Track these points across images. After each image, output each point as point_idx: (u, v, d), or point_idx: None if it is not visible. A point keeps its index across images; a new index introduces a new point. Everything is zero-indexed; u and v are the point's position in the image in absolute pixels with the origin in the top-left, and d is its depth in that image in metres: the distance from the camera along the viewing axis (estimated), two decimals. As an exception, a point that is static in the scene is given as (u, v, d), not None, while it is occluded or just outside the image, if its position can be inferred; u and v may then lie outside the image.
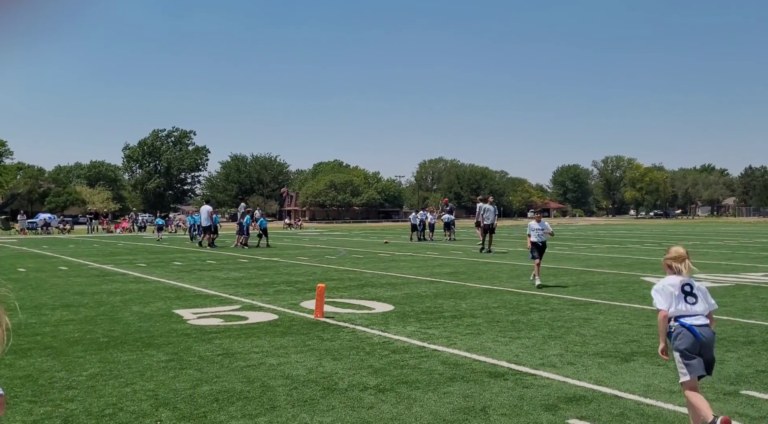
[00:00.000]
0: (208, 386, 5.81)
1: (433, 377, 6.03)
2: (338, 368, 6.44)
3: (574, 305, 10.35)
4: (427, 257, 21.12)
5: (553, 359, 6.68)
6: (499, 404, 5.21)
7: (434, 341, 7.69)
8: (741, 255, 21.02)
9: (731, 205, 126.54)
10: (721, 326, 8.49)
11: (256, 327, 8.69)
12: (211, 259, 21.27)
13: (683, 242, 28.76)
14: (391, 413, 5.02)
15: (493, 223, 23.31)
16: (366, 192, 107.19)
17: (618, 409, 5.05)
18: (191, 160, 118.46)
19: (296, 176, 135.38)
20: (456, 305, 10.56)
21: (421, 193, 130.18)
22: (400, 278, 14.83)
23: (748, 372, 6.10)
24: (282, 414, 5.01)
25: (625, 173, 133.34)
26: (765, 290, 11.96)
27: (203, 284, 13.95)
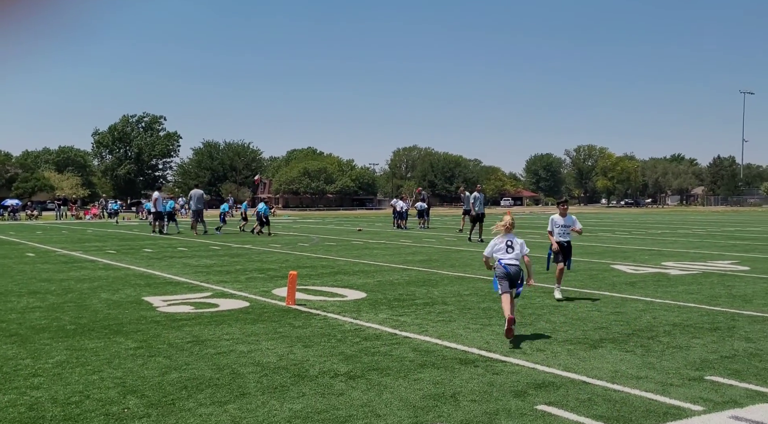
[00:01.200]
0: (177, 374, 5.75)
1: (404, 364, 6.04)
2: (309, 355, 6.42)
3: (545, 293, 10.44)
4: (401, 245, 21.16)
5: (523, 346, 6.74)
6: (469, 390, 5.24)
7: (406, 328, 7.71)
8: (708, 243, 21.39)
9: (700, 195, 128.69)
10: (687, 312, 8.64)
11: (227, 314, 8.63)
12: (183, 246, 21.06)
13: (653, 231, 29.19)
14: (362, 399, 5.02)
15: (482, 211, 23.51)
16: (340, 180, 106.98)
17: (586, 394, 5.11)
18: (162, 146, 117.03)
19: (270, 163, 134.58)
20: (428, 292, 10.59)
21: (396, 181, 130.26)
22: (372, 265, 14.83)
23: (713, 358, 6.21)
24: (252, 401, 4.99)
25: (597, 162, 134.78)
26: (731, 278, 12.19)
27: (174, 271, 13.81)
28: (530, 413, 4.69)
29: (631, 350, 6.57)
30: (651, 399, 4.99)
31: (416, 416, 4.63)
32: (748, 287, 10.95)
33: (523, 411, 4.73)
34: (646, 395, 5.09)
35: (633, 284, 11.35)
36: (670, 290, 10.59)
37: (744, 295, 10.11)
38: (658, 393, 5.12)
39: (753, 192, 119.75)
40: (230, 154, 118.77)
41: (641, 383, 5.39)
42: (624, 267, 14.08)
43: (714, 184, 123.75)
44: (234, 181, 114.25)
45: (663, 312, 8.65)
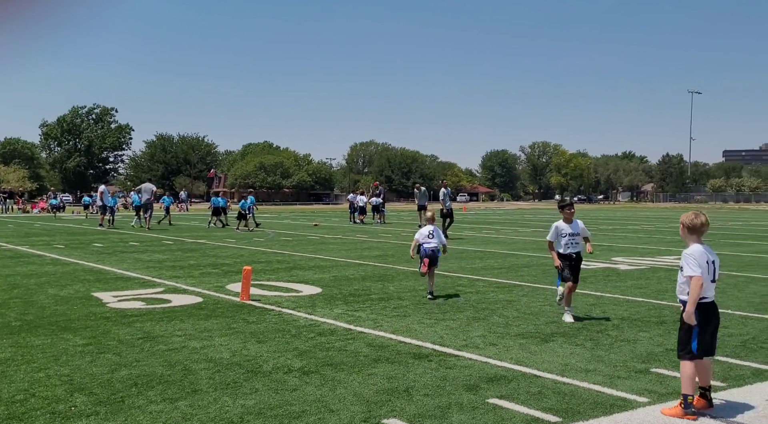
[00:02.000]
0: (126, 371, 5.65)
1: (359, 359, 6.05)
2: (263, 350, 6.38)
3: (499, 288, 10.58)
4: (357, 240, 21.15)
5: (476, 341, 6.82)
6: (423, 384, 5.28)
7: (360, 323, 7.72)
8: (657, 239, 21.96)
9: (650, 191, 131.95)
10: (635, 307, 8.86)
11: (180, 310, 8.50)
12: (134, 240, 20.65)
13: (604, 227, 29.82)
14: (315, 395, 5.01)
15: (449, 207, 22.43)
16: (296, 174, 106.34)
17: (536, 388, 5.20)
18: (114, 139, 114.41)
19: (225, 157, 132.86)
20: (384, 287, 10.62)
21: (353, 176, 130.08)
22: (328, 260, 14.80)
23: (659, 351, 6.39)
24: (204, 397, 4.93)
25: (551, 159, 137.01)
26: (677, 273, 12.51)
27: (125, 266, 13.54)
28: (482, 406, 4.76)
29: (581, 343, 6.71)
30: (599, 391, 5.11)
31: (369, 411, 4.65)
32: (693, 282, 11.28)
33: (475, 405, 4.79)
34: (594, 387, 5.21)
35: (584, 279, 11.56)
36: (619, 285, 10.84)
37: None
38: (605, 386, 5.25)
39: (700, 189, 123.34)
40: (184, 147, 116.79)
41: (590, 376, 5.51)
42: (575, 262, 14.33)
43: (663, 181, 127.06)
44: (188, 174, 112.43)
45: (612, 306, 8.86)
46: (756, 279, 11.72)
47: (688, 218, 4.96)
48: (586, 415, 4.58)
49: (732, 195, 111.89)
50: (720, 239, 22.36)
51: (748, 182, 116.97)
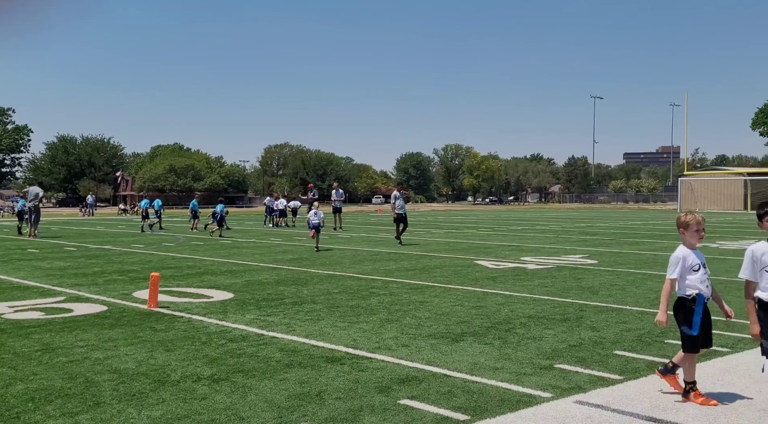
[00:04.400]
0: (23, 385, 5.36)
1: (270, 365, 5.98)
2: (171, 359, 6.20)
3: (412, 289, 10.71)
4: (271, 244, 20.91)
5: (389, 342, 6.87)
6: (335, 388, 5.28)
7: (273, 328, 7.63)
8: (563, 239, 22.83)
9: (557, 193, 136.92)
10: (541, 305, 9.18)
11: (82, 320, 8.14)
12: (33, 247, 19.62)
13: (514, 228, 30.73)
14: (225, 402, 4.92)
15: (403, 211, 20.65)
16: (209, 177, 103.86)
17: (446, 387, 5.30)
18: (11, 140, 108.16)
19: (132, 160, 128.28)
20: (297, 291, 10.54)
21: (267, 179, 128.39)
22: (241, 265, 14.55)
23: (562, 347, 6.65)
24: (107, 410, 4.74)
25: (464, 161, 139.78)
26: (581, 271, 13.09)
27: (22, 274, 12.84)
28: (393, 408, 4.80)
29: (490, 342, 6.89)
30: (506, 389, 5.26)
31: (281, 417, 4.60)
32: (596, 280, 11.81)
33: (387, 406, 4.83)
34: (502, 385, 5.36)
35: (494, 279, 11.90)
36: (527, 284, 11.20)
37: (592, 287, 10.88)
38: (512, 383, 5.41)
39: (603, 190, 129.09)
40: (88, 149, 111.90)
41: (497, 374, 5.67)
42: (486, 262, 14.73)
43: (569, 182, 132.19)
44: (93, 177, 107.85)
45: (520, 305, 9.14)
46: (653, 276, 12.38)
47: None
48: (493, 412, 4.71)
49: (632, 195, 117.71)
50: (620, 238, 23.49)
51: (646, 183, 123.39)
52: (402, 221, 20.52)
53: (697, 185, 70.66)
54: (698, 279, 5.02)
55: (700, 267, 5.06)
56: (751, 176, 68.60)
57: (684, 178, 72.07)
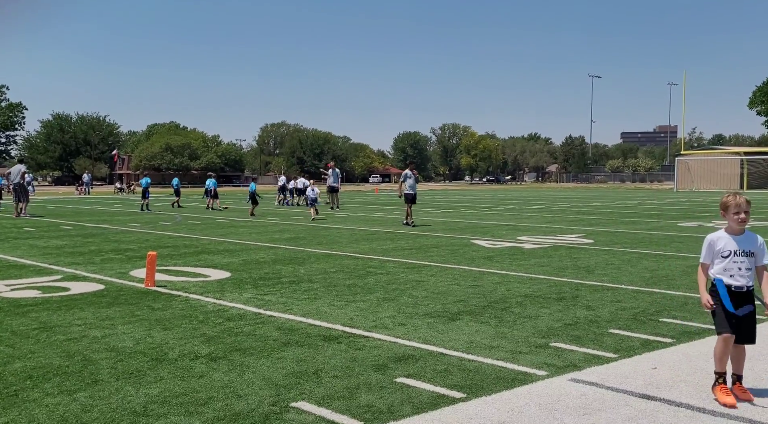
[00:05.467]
0: (20, 363, 5.38)
1: (268, 343, 6.01)
2: (169, 337, 6.23)
3: (409, 268, 10.74)
4: (268, 223, 20.91)
5: (385, 321, 6.91)
6: (332, 366, 5.31)
7: (270, 307, 7.66)
8: (559, 218, 22.88)
9: (554, 172, 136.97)
10: (537, 284, 9.22)
11: (79, 298, 8.16)
12: (30, 226, 19.60)
13: (511, 207, 30.76)
14: (223, 380, 4.95)
15: (414, 191, 19.82)
16: (205, 156, 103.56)
17: (443, 365, 5.33)
18: (5, 118, 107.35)
19: (128, 138, 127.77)
20: (294, 270, 10.56)
21: (263, 158, 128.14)
22: (238, 244, 14.57)
23: (558, 326, 6.69)
24: (105, 388, 4.77)
25: (461, 140, 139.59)
26: (577, 250, 13.13)
27: (19, 253, 12.84)
28: (390, 385, 4.84)
29: (486, 321, 6.93)
30: (501, 367, 5.30)
31: (278, 395, 4.64)
32: (591, 259, 11.85)
33: (383, 384, 4.87)
34: (498, 363, 5.40)
35: (490, 258, 11.94)
36: (523, 263, 11.24)
37: (587, 266, 10.93)
38: (508, 361, 5.45)
39: (600, 170, 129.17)
40: (84, 127, 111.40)
41: (493, 352, 5.71)
42: (483, 242, 14.76)
43: (566, 162, 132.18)
44: (88, 156, 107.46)
45: (516, 284, 9.18)
46: (648, 255, 12.43)
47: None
48: (489, 390, 4.74)
49: (629, 175, 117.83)
50: (617, 217, 23.54)
51: (643, 163, 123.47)
52: (412, 202, 19.78)
53: (693, 165, 70.71)
54: (722, 267, 4.63)
55: (730, 254, 4.61)
56: (748, 156, 68.68)
57: (681, 157, 72.10)
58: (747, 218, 4.64)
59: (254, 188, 25.81)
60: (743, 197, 4.66)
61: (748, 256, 4.62)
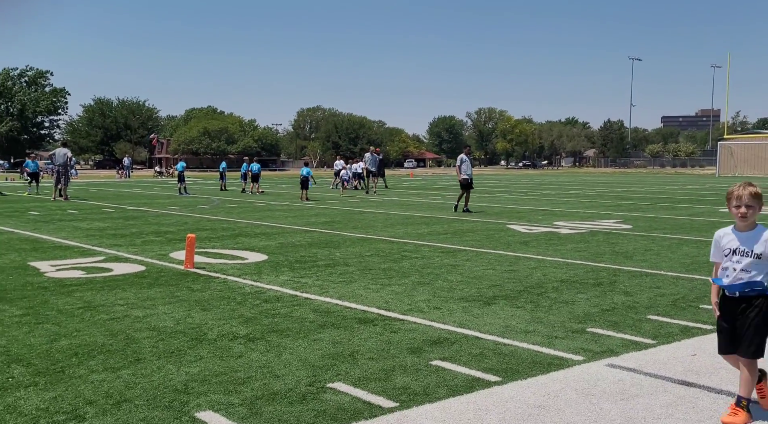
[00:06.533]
0: (66, 341, 5.55)
1: (304, 325, 6.09)
2: (208, 318, 6.35)
3: (444, 253, 10.73)
4: (303, 207, 21.07)
5: (420, 305, 6.93)
6: (367, 348, 5.36)
7: (307, 289, 7.74)
8: (597, 203, 22.57)
9: (591, 157, 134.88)
10: (573, 269, 9.14)
11: (121, 279, 8.36)
12: (73, 208, 20.08)
13: (547, 192, 30.43)
14: (260, 361, 5.04)
15: (471, 176, 19.02)
16: (242, 140, 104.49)
17: (478, 349, 5.34)
18: (48, 103, 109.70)
19: (167, 122, 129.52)
20: (330, 253, 10.64)
21: (299, 142, 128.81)
22: (275, 227, 14.72)
23: (595, 311, 6.63)
24: (147, 366, 4.89)
25: (497, 125, 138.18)
26: (615, 236, 12.96)
27: (63, 234, 13.18)
28: (425, 368, 4.87)
29: (522, 305, 6.90)
30: (537, 351, 5.29)
31: (314, 375, 4.70)
32: (630, 245, 11.68)
33: (418, 367, 4.90)
34: (533, 347, 5.39)
35: (526, 243, 11.86)
36: (560, 249, 11.14)
37: (626, 252, 10.78)
38: (544, 346, 5.43)
39: (639, 155, 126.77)
40: (124, 112, 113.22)
41: (529, 337, 5.69)
42: (519, 227, 14.66)
43: (604, 146, 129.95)
44: (129, 140, 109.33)
45: (552, 269, 9.11)
46: (688, 241, 12.20)
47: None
48: (524, 374, 4.74)
49: (669, 160, 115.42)
50: (656, 202, 23.13)
51: (684, 148, 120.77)
52: (469, 187, 18.85)
53: (737, 149, 68.92)
54: (723, 267, 4.11)
55: (730, 253, 4.05)
56: (795, 140, 66.62)
57: (723, 141, 70.32)
58: (749, 213, 3.99)
59: (309, 173, 25.15)
60: (750, 188, 3.99)
61: (750, 256, 3.98)
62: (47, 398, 4.26)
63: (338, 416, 3.99)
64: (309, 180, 25.13)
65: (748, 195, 4.00)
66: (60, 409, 4.09)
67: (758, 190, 4.03)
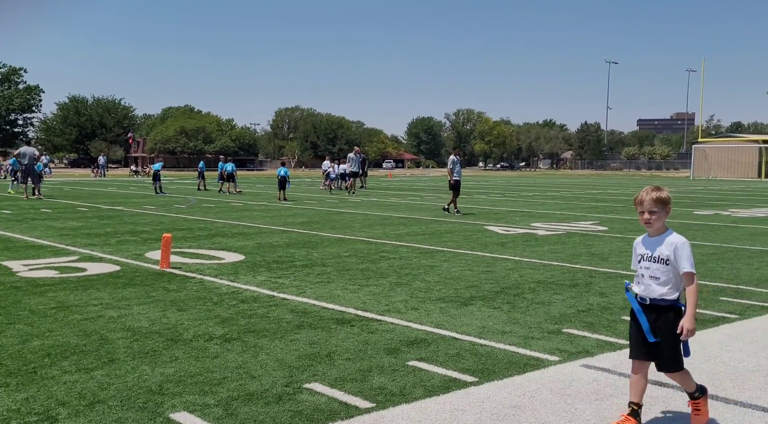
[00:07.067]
0: (39, 341, 5.47)
1: (281, 326, 6.06)
2: (183, 318, 6.29)
3: (422, 253, 10.75)
4: (281, 207, 20.99)
5: (398, 305, 6.94)
6: (344, 349, 5.35)
7: (284, 289, 7.71)
8: (574, 205, 22.77)
9: (569, 159, 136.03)
10: (550, 270, 9.21)
11: (96, 279, 8.25)
12: (47, 207, 19.80)
13: (525, 194, 30.64)
14: (237, 361, 5.01)
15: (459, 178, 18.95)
16: (219, 139, 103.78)
17: (455, 350, 5.36)
18: (22, 100, 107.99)
19: (143, 121, 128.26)
20: (308, 254, 10.61)
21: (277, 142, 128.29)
22: (252, 227, 14.64)
23: (571, 312, 6.69)
24: (121, 367, 4.84)
25: (476, 126, 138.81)
26: (591, 238, 13.08)
27: (36, 234, 12.98)
28: (402, 369, 4.87)
29: (499, 306, 6.94)
30: (513, 352, 5.32)
31: (291, 376, 4.68)
32: (606, 246, 11.80)
33: (395, 367, 4.90)
34: (510, 348, 5.42)
35: (504, 244, 11.93)
36: (537, 250, 11.22)
37: (601, 253, 10.89)
38: (520, 346, 5.46)
39: (615, 157, 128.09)
40: (99, 110, 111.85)
41: (506, 338, 5.72)
42: (496, 228, 14.74)
43: (581, 149, 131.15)
44: (104, 139, 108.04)
45: (529, 270, 9.17)
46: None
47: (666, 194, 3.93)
48: (500, 374, 4.77)
49: (645, 162, 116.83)
50: (632, 204, 23.36)
51: (660, 150, 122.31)
52: (458, 189, 18.89)
53: (711, 152, 69.97)
54: (637, 274, 4.03)
55: (641, 259, 3.98)
56: (766, 144, 67.81)
57: (698, 145, 71.34)
58: (652, 218, 3.88)
59: (287, 173, 25.09)
60: (653, 194, 3.88)
61: (658, 262, 3.88)
62: (19, 399, 4.19)
63: (314, 417, 3.98)
64: (287, 180, 25.05)
65: (650, 200, 3.89)
66: (32, 410, 4.03)
67: (663, 195, 3.90)
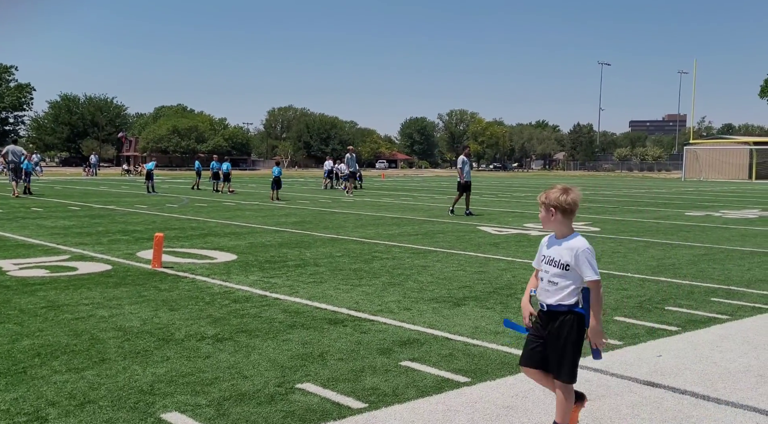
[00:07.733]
0: (29, 341, 5.43)
1: (273, 326, 6.04)
2: (175, 318, 6.26)
3: (415, 253, 10.75)
4: (274, 207, 20.95)
5: (391, 306, 6.93)
6: (337, 349, 5.34)
7: (276, 289, 7.69)
8: (566, 206, 22.76)
9: (561, 160, 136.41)
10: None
11: (87, 278, 8.21)
12: (37, 206, 19.69)
13: (518, 194, 30.68)
14: (229, 361, 4.98)
15: (469, 179, 18.95)
16: (212, 139, 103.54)
17: (447, 350, 5.35)
18: (13, 98, 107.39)
19: (136, 120, 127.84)
20: (300, 254, 10.59)
21: (270, 141, 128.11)
22: (245, 227, 14.60)
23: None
24: (112, 367, 4.81)
25: (469, 127, 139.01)
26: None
27: (27, 232, 12.90)
28: (394, 369, 4.86)
29: (491, 307, 6.94)
30: (506, 352, 5.32)
31: (283, 376, 4.67)
32: (598, 247, 11.82)
33: (388, 368, 4.89)
34: (502, 348, 5.42)
35: (496, 245, 11.94)
36: (529, 250, 11.23)
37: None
38: (512, 347, 5.46)
39: (607, 158, 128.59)
40: (91, 109, 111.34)
41: (498, 338, 5.72)
42: (489, 229, 14.75)
43: (574, 149, 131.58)
44: (96, 137, 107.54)
45: (522, 271, 9.18)
46: (654, 244, 12.40)
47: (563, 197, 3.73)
48: (493, 375, 4.76)
49: (637, 164, 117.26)
50: (624, 206, 23.47)
51: (651, 152, 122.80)
52: (468, 189, 18.79)
53: (702, 154, 70.29)
54: (539, 276, 3.85)
55: (544, 260, 3.83)
56: (757, 145, 68.19)
57: (689, 146, 71.68)
58: (548, 218, 3.77)
59: (280, 172, 25.08)
60: (554, 192, 3.77)
61: (557, 266, 3.69)
62: (8, 399, 4.16)
63: (307, 417, 3.97)
64: (280, 180, 25.02)
65: (547, 197, 3.81)
66: (21, 410, 4.00)
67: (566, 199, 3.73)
